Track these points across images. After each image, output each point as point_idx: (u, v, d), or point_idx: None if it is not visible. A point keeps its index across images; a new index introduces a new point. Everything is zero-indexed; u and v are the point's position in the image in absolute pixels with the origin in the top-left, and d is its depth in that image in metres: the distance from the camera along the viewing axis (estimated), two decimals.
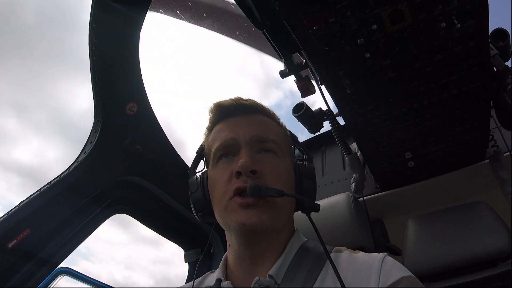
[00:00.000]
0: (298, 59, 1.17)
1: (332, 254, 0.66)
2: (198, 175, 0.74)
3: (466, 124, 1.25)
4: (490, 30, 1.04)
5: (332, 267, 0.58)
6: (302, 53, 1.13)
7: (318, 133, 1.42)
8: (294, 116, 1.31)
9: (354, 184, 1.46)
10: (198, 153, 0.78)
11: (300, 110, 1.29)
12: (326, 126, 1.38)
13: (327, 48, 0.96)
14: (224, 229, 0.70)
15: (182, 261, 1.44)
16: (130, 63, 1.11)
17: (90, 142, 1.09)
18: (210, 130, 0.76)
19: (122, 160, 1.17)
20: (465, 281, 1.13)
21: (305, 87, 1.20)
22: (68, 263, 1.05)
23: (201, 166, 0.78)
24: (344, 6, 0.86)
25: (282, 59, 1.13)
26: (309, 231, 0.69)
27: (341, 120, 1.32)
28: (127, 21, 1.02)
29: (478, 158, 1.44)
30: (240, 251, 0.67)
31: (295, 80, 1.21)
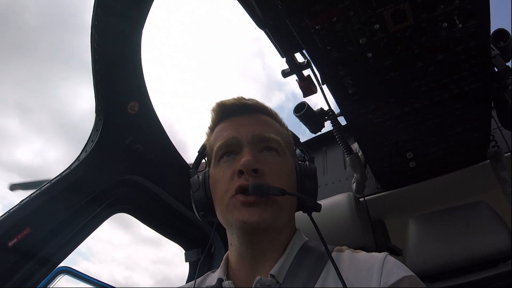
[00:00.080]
0: (300, 59, 1.17)
1: (333, 253, 0.65)
2: (199, 174, 0.74)
3: (467, 124, 1.25)
4: (491, 31, 1.04)
5: (333, 267, 0.58)
6: (304, 52, 1.14)
7: (320, 133, 1.42)
8: (296, 115, 1.31)
9: (355, 184, 1.46)
10: (200, 152, 0.78)
11: (301, 109, 1.29)
12: (328, 126, 1.38)
13: (329, 47, 0.97)
14: (225, 228, 0.69)
15: (182, 261, 1.43)
16: (132, 62, 1.11)
17: (92, 141, 1.09)
18: (212, 129, 0.76)
19: (123, 159, 1.16)
20: (465, 281, 1.13)
21: (306, 87, 1.21)
22: (68, 263, 1.05)
23: (202, 166, 0.78)
24: (346, 6, 0.87)
25: (284, 59, 1.14)
26: (310, 231, 0.69)
27: (342, 120, 1.33)
28: (129, 19, 1.02)
29: (479, 158, 1.44)
30: (241, 250, 0.66)
31: (297, 79, 1.21)
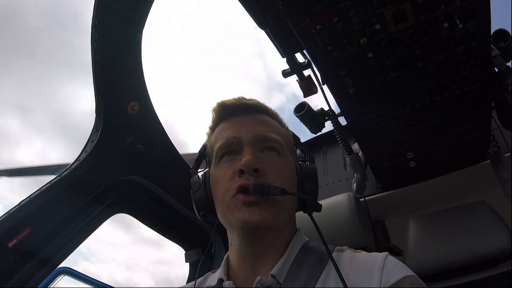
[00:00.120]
0: (300, 59, 1.17)
1: (334, 253, 0.65)
2: (200, 174, 0.74)
3: (467, 124, 1.25)
4: (492, 31, 1.04)
5: (334, 267, 0.58)
6: (304, 52, 1.14)
7: (320, 133, 1.42)
8: (296, 116, 1.31)
9: (355, 184, 1.46)
10: (201, 152, 0.78)
11: (302, 110, 1.29)
12: (328, 126, 1.38)
13: (330, 47, 0.97)
14: (226, 228, 0.69)
15: (183, 261, 1.43)
16: (132, 62, 1.11)
17: (92, 141, 1.09)
18: (212, 129, 0.76)
19: (123, 159, 1.16)
20: (466, 281, 1.13)
21: (307, 87, 1.20)
22: (68, 264, 1.05)
23: (202, 166, 0.78)
24: (347, 6, 0.87)
25: (285, 59, 1.13)
26: (310, 231, 0.69)
27: (342, 120, 1.33)
28: (129, 19, 1.02)
29: (479, 158, 1.44)
30: (242, 250, 0.66)
31: (297, 79, 1.21)
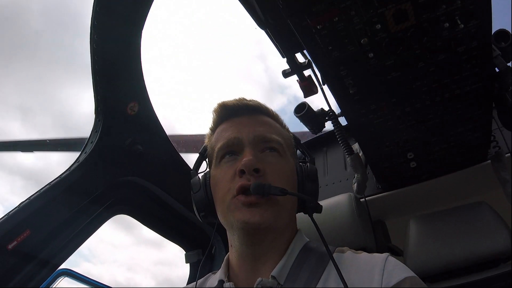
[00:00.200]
0: (300, 59, 1.16)
1: (334, 254, 0.65)
2: (200, 175, 0.74)
3: (468, 124, 1.25)
4: (493, 31, 1.04)
5: (335, 268, 0.58)
6: (305, 52, 1.13)
7: (320, 133, 1.42)
8: (296, 116, 1.31)
9: (356, 184, 1.46)
10: (201, 153, 0.77)
11: (302, 110, 1.29)
12: (328, 126, 1.37)
13: (331, 47, 0.96)
14: (226, 229, 0.69)
15: (183, 262, 1.43)
16: (132, 62, 1.10)
17: (91, 142, 1.08)
18: (213, 130, 0.76)
19: (123, 160, 1.16)
20: (466, 281, 1.13)
21: (307, 87, 1.20)
22: (69, 265, 1.04)
23: (203, 167, 0.78)
24: (348, 6, 0.86)
25: (285, 59, 1.13)
26: (311, 232, 0.69)
27: (343, 120, 1.32)
28: (129, 20, 1.02)
29: (479, 158, 1.44)
30: (242, 251, 0.66)
31: (298, 80, 1.20)
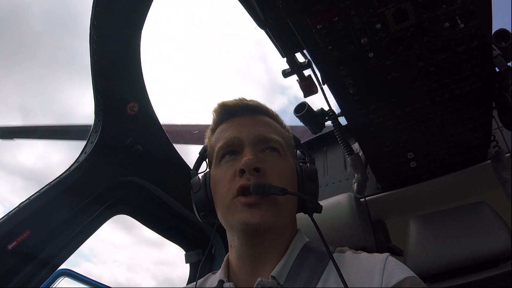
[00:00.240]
0: (300, 59, 1.16)
1: (334, 254, 0.65)
2: (200, 175, 0.73)
3: (468, 124, 1.25)
4: (493, 31, 1.04)
5: (335, 267, 0.58)
6: (304, 52, 1.13)
7: (320, 133, 1.41)
8: (296, 116, 1.30)
9: (356, 184, 1.46)
10: (201, 153, 0.77)
11: (302, 110, 1.28)
12: (328, 126, 1.37)
13: (330, 47, 0.96)
14: (226, 229, 0.69)
15: (184, 262, 1.43)
16: (131, 62, 1.10)
17: (91, 142, 1.08)
18: (213, 130, 0.76)
19: (122, 160, 1.16)
20: (466, 281, 1.12)
21: (307, 87, 1.20)
22: (70, 265, 1.05)
23: (203, 168, 0.78)
24: (348, 5, 0.86)
25: (285, 58, 1.13)
26: (311, 232, 0.69)
27: (343, 120, 1.32)
28: (128, 20, 1.01)
29: (479, 158, 1.44)
30: (241, 251, 0.66)
31: (298, 79, 1.20)
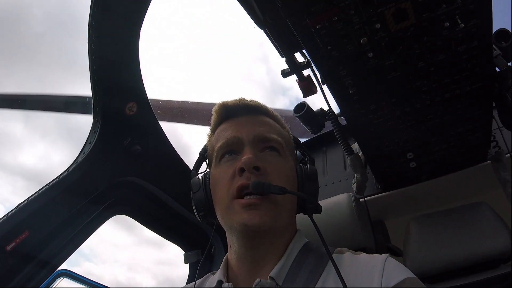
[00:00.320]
0: (300, 58, 1.16)
1: (334, 255, 0.65)
2: (200, 175, 0.73)
3: (468, 124, 1.24)
4: (493, 31, 1.03)
5: (334, 268, 0.58)
6: (304, 52, 1.12)
7: (320, 133, 1.41)
8: (295, 116, 1.30)
9: (355, 184, 1.45)
10: (201, 154, 0.77)
11: (301, 110, 1.28)
12: (328, 126, 1.37)
13: (330, 47, 0.96)
14: (225, 230, 0.69)
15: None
16: (130, 63, 1.10)
17: (89, 143, 1.08)
18: (213, 131, 0.76)
19: (121, 160, 1.16)
20: (466, 282, 1.12)
21: (306, 87, 1.19)
22: (70, 264, 1.05)
23: (203, 168, 0.78)
24: (347, 5, 0.86)
25: (284, 58, 1.12)
26: (310, 232, 0.68)
27: (342, 120, 1.32)
28: (126, 19, 1.01)
29: (479, 158, 1.43)
30: (241, 253, 0.66)
31: (297, 79, 1.20)
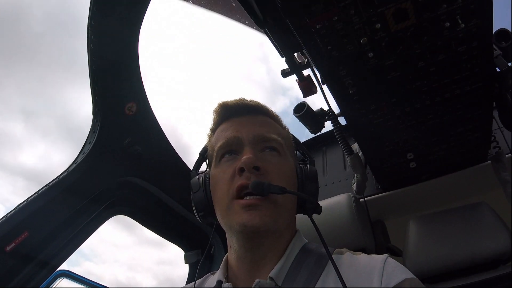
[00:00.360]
0: (300, 58, 1.15)
1: (333, 255, 0.65)
2: (200, 176, 0.73)
3: (468, 124, 1.24)
4: (494, 31, 1.03)
5: (334, 268, 0.57)
6: (304, 52, 1.12)
7: (319, 133, 1.41)
8: (295, 116, 1.30)
9: (355, 184, 1.45)
10: (201, 154, 0.77)
11: (301, 110, 1.28)
12: (328, 126, 1.36)
13: (330, 47, 0.95)
14: (225, 230, 0.68)
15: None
16: (129, 62, 1.09)
17: (89, 143, 1.08)
18: (213, 131, 0.76)
19: (121, 160, 1.15)
20: (465, 283, 1.12)
21: (306, 87, 1.19)
22: (70, 264, 1.04)
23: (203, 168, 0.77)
24: (347, 5, 0.85)
25: (284, 58, 1.12)
26: (310, 233, 0.68)
27: (342, 120, 1.31)
28: (125, 19, 1.01)
29: (480, 159, 1.43)
30: (240, 253, 0.66)
31: (297, 79, 1.19)
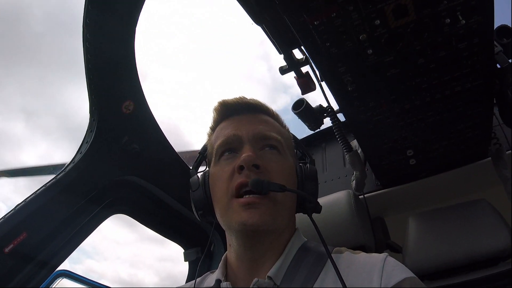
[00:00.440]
0: (298, 55, 1.14)
1: (332, 255, 0.64)
2: (199, 174, 0.73)
3: (468, 121, 1.24)
4: (494, 27, 1.02)
5: (333, 267, 0.57)
6: (302, 49, 1.11)
7: (318, 129, 1.40)
8: (294, 113, 1.29)
9: (354, 181, 1.45)
10: (201, 153, 0.77)
11: (300, 107, 1.27)
12: (327, 122, 1.36)
13: (328, 44, 0.94)
14: (224, 228, 0.68)
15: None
16: (126, 60, 1.08)
17: (86, 142, 1.07)
18: (213, 129, 0.76)
19: (119, 159, 1.15)
20: (465, 279, 1.12)
21: (305, 84, 1.18)
22: (72, 262, 1.04)
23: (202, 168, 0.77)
24: (346, 1, 0.84)
25: (282, 55, 1.11)
26: (309, 231, 0.68)
27: (341, 117, 1.31)
28: (121, 17, 0.99)
29: (480, 155, 1.43)
30: (240, 252, 0.66)
31: (295, 76, 1.18)
